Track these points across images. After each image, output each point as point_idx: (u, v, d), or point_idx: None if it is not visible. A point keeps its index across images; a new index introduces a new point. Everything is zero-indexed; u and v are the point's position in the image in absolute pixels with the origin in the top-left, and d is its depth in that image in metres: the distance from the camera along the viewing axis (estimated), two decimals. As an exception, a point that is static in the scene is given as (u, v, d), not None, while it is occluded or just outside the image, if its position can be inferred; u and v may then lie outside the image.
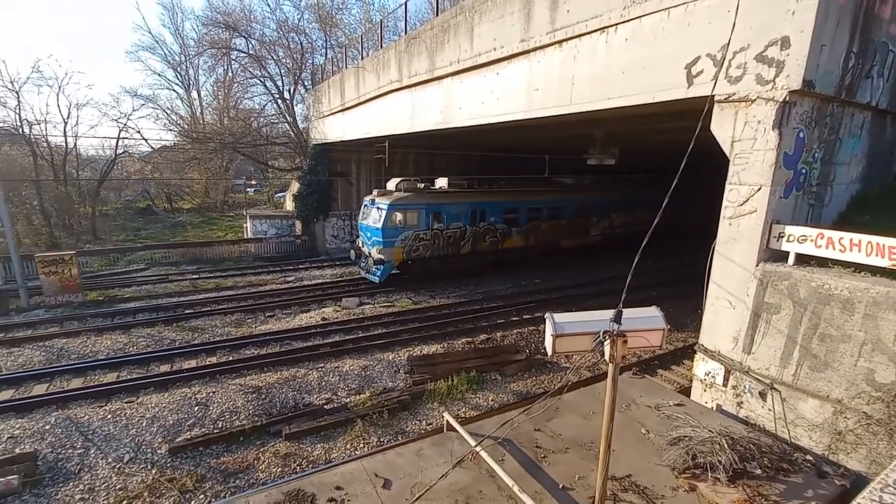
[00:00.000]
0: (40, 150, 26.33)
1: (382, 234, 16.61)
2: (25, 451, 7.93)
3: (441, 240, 17.87)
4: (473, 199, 18.67)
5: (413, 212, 17.06)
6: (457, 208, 18.11)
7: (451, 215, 18.00)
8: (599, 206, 22.96)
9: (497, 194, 19.65)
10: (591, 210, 22.72)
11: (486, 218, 18.93)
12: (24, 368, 10.85)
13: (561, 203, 21.41)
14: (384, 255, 16.84)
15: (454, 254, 18.44)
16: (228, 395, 10.00)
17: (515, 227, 19.99)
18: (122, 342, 12.36)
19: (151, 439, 8.53)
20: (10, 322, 13.75)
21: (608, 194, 23.35)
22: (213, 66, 33.33)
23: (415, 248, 17.33)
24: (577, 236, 22.58)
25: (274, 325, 13.97)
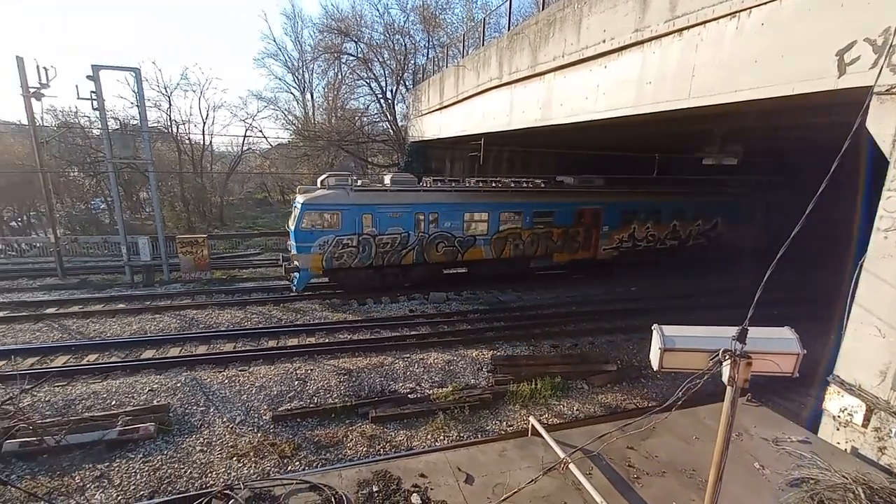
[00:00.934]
0: (183, 146, 30.63)
1: (296, 237, 14.64)
2: (161, 403, 9.26)
3: (373, 247, 15.35)
4: (418, 201, 15.83)
5: (333, 213, 14.68)
6: (394, 210, 15.41)
7: (387, 218, 15.36)
8: (612, 212, 18.67)
9: (454, 194, 16.45)
10: (597, 218, 18.48)
11: (440, 223, 16.17)
12: (163, 333, 12.67)
13: (552, 207, 17.74)
14: (299, 261, 14.80)
15: (393, 264, 15.93)
16: (324, 374, 10.76)
17: (482, 235, 16.98)
18: (238, 317, 13.88)
19: (258, 406, 9.47)
20: (154, 293, 16.19)
21: (626, 198, 19.03)
22: (325, 69, 36.12)
23: (337, 255, 14.95)
24: (575, 249, 18.51)
25: (365, 314, 14.72)
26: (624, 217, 18.98)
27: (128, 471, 7.55)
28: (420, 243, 16.02)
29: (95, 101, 16.94)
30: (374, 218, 15.15)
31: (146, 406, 9.07)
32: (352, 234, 14.94)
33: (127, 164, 22.96)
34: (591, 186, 18.72)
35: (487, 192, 17.11)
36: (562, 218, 17.93)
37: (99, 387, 9.67)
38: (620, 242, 19.25)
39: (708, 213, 20.67)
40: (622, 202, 18.89)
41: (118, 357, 11.12)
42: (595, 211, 18.40)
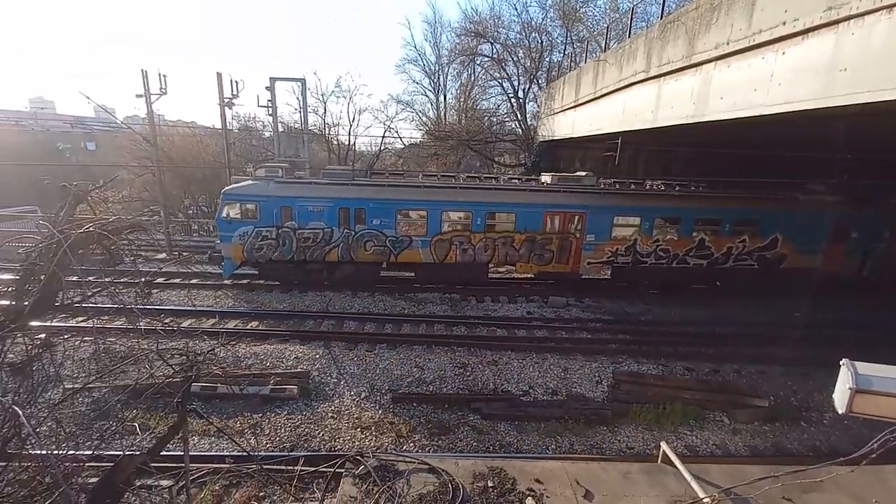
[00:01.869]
0: (332, 146, 34.41)
1: (218, 226, 14.75)
2: (303, 370, 10.51)
3: (293, 241, 14.77)
4: (342, 195, 14.76)
5: (251, 204, 14.43)
6: (315, 204, 14.63)
7: (307, 212, 14.64)
8: (600, 217, 15.62)
9: (386, 189, 15.11)
10: (578, 223, 15.56)
11: (368, 220, 14.96)
12: (307, 310, 14.33)
13: (512, 208, 15.38)
14: (222, 250, 14.92)
15: (316, 259, 15.10)
16: (440, 364, 11.14)
17: (420, 236, 15.28)
18: (368, 303, 15.11)
19: (381, 385, 10.19)
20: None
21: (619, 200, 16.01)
22: (459, 72, 37.36)
23: (257, 247, 14.68)
24: (547, 260, 15.76)
25: (483, 311, 14.84)
26: (617, 224, 15.77)
27: (275, 424, 8.73)
28: (346, 240, 15.08)
29: (270, 107, 19.93)
30: (294, 211, 14.70)
31: (291, 371, 10.39)
32: (270, 226, 14.63)
33: (289, 162, 26.62)
34: (570, 185, 16.03)
35: (426, 188, 15.49)
36: (526, 221, 15.41)
37: (258, 349, 11.36)
38: (614, 256, 15.91)
39: (762, 226, 16.10)
40: (612, 205, 15.77)
41: (271, 326, 12.91)
42: (573, 215, 15.52)
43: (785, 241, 16.17)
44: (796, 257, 16.28)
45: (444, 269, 15.84)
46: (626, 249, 15.86)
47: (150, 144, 20.58)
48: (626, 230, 15.80)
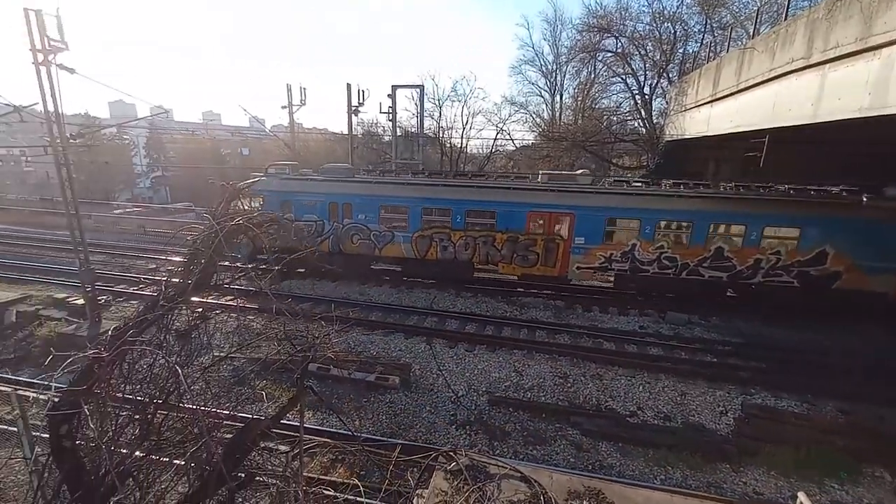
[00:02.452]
0: (445, 149, 35.54)
1: None
2: (405, 362, 11.05)
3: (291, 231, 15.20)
4: (331, 190, 15.66)
5: (258, 198, 15.58)
6: (309, 198, 15.69)
7: (302, 206, 15.68)
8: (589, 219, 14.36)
9: (370, 185, 15.73)
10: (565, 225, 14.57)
11: (354, 214, 15.56)
12: (414, 305, 15.01)
13: (492, 206, 14.97)
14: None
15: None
16: (540, 372, 10.84)
17: (402, 231, 15.42)
18: (471, 303, 15.31)
19: (478, 386, 10.26)
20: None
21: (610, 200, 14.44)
22: (578, 70, 35.88)
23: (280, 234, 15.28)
24: (532, 262, 14.98)
25: (589, 322, 14.09)
26: (610, 226, 14.40)
27: (376, 410, 9.32)
28: (335, 233, 15.91)
29: (390, 113, 21.31)
30: (292, 204, 15.82)
31: (394, 362, 10.99)
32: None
33: (405, 164, 28.19)
34: (557, 185, 15.12)
35: (409, 185, 15.81)
36: (507, 221, 14.89)
37: (366, 338, 12.23)
38: (608, 261, 14.44)
39: (804, 235, 13.24)
40: (605, 206, 14.38)
41: (379, 318, 13.78)
42: (560, 216, 14.63)
43: (839, 256, 13.13)
44: (857, 276, 13.10)
45: (427, 265, 16.01)
46: (623, 255, 14.44)
47: (289, 148, 23.41)
48: (623, 234, 14.44)
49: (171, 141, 47.84)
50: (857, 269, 13.16)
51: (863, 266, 13.11)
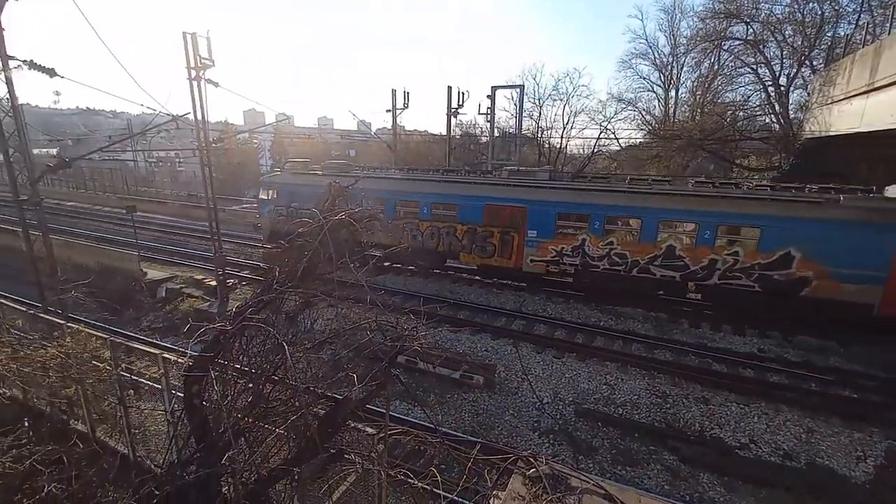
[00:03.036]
0: (543, 149, 34.74)
1: (259, 204, 19.63)
2: (490, 363, 11.05)
3: (292, 218, 16.69)
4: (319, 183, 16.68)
5: (274, 189, 18.41)
6: (305, 191, 17.01)
7: (302, 197, 17.01)
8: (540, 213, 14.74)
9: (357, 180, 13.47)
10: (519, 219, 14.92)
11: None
12: (503, 306, 14.92)
13: (454, 200, 16.22)
14: (261, 223, 19.48)
15: None
16: (635, 388, 10.14)
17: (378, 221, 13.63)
18: (561, 308, 14.81)
19: (564, 395, 9.90)
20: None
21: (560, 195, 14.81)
22: (699, 61, 32.65)
23: (276, 221, 18.30)
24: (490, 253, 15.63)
25: (696, 339, 12.81)
26: (562, 221, 14.62)
27: (459, 407, 9.47)
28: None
29: (488, 114, 21.42)
30: (298, 195, 17.62)
31: (480, 362, 11.05)
32: (284, 206, 18.29)
33: (500, 165, 28.14)
34: (513, 179, 16.07)
35: (387, 179, 17.82)
36: (466, 213, 15.85)
37: (452, 336, 12.45)
38: (560, 256, 14.60)
39: (764, 236, 12.37)
40: (555, 201, 14.72)
41: (467, 317, 13.93)
42: (514, 210, 15.11)
43: (805, 260, 12.11)
44: (828, 284, 11.95)
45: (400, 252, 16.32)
46: (573, 250, 14.53)
47: (390, 149, 24.70)
48: (572, 229, 14.54)
49: (291, 144, 53.30)
50: (830, 276, 11.97)
51: (837, 273, 11.86)
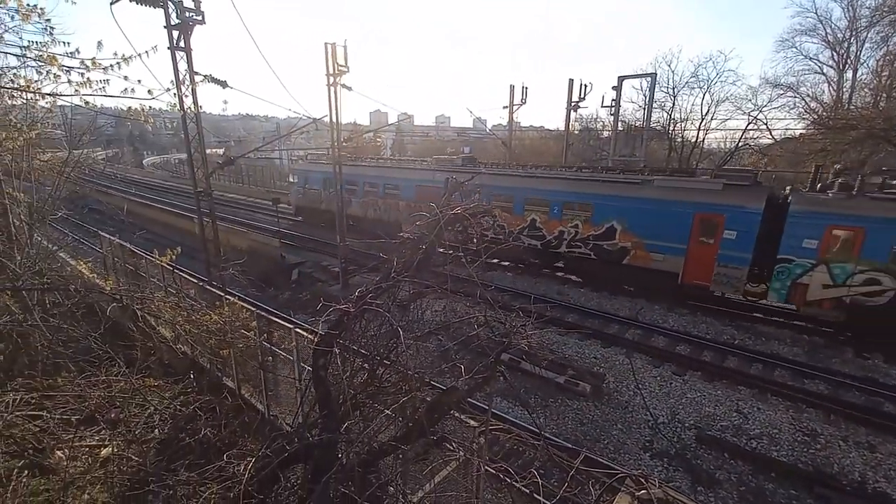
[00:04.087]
0: (675, 143, 31.43)
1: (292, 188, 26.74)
2: (599, 371, 10.45)
3: (306, 196, 24.89)
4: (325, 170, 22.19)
5: (297, 175, 25.87)
6: (316, 175, 23.99)
7: (313, 180, 24.23)
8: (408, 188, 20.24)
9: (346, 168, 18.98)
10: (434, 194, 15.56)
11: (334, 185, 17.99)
12: (616, 313, 13.97)
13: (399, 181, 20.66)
14: (291, 200, 26.52)
15: (315, 208, 24.45)
16: (774, 420, 8.78)
17: (356, 197, 22.09)
18: (686, 321, 13.38)
19: (684, 417, 8.95)
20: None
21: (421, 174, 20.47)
22: (886, 36, 26.58)
23: (298, 199, 25.72)
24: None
25: (865, 372, 10.62)
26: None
27: (562, 413, 9.12)
28: (327, 199, 22.56)
29: (613, 107, 20.13)
30: (310, 179, 24.29)
31: (587, 369, 10.51)
32: (302, 187, 25.15)
33: (623, 162, 26.28)
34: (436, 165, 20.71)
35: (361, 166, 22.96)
36: (407, 192, 19.96)
37: (559, 339, 12.04)
38: None
39: (594, 212, 15.09)
40: (414, 178, 19.99)
41: (575, 321, 13.31)
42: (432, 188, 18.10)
43: (625, 233, 14.65)
44: (641, 254, 14.30)
45: (366, 222, 21.45)
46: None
47: (505, 146, 24.61)
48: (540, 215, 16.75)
49: (410, 142, 56.26)
50: (644, 247, 14.31)
51: (649, 244, 14.22)
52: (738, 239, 12.80)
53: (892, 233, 11.01)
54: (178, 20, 10.37)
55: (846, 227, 11.48)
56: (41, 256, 9.82)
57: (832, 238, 11.64)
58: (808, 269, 12.03)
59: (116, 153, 66.53)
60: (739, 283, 13.02)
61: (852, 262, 11.48)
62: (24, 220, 10.41)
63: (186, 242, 14.08)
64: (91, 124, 12.94)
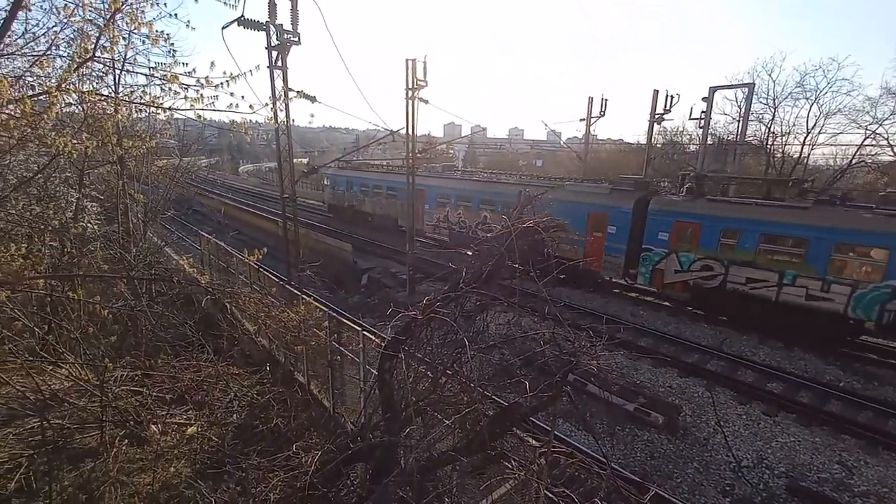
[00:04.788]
0: (774, 159, 28.50)
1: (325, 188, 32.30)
2: (674, 402, 9.68)
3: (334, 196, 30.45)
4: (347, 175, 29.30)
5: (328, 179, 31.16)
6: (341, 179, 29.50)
7: (341, 183, 29.50)
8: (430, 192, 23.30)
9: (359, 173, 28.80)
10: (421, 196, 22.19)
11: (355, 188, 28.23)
12: (697, 341, 12.92)
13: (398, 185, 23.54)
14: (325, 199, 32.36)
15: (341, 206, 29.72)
16: (888, 477, 7.61)
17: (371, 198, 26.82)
18: (780, 355, 12.03)
19: (773, 463, 8.02)
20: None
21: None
22: None
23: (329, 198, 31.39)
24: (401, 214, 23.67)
25: None
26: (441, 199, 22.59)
27: (630, 444, 8.55)
28: (349, 198, 28.65)
29: (702, 119, 18.86)
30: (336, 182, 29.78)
31: (660, 399, 9.79)
32: (332, 189, 30.35)
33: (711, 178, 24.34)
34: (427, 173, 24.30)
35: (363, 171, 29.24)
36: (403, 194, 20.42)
37: (630, 364, 11.35)
38: (439, 222, 22.66)
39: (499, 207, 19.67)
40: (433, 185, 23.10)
41: (649, 344, 12.47)
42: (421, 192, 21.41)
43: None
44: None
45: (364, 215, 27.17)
46: (443, 218, 22.32)
47: (580, 159, 23.93)
48: (445, 205, 22.23)
49: (482, 154, 56.64)
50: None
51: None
52: (617, 232, 15.57)
53: (720, 227, 13.47)
54: (277, 42, 11.35)
55: (688, 222, 14.03)
56: (151, 250, 11.12)
57: (678, 231, 14.20)
58: (662, 256, 14.66)
59: (217, 161, 73.93)
60: (619, 268, 15.77)
61: (693, 252, 13.98)
62: (140, 218, 11.87)
63: (269, 243, 15.22)
64: (199, 135, 14.54)
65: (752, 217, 13.07)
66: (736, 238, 13.22)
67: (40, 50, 4.83)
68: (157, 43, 4.72)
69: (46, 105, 4.31)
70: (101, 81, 5.45)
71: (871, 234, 11.31)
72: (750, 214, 13.15)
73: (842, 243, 11.69)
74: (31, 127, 4.56)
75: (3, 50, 4.61)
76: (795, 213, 12.51)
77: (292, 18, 11.26)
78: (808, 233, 12.07)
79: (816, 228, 11.96)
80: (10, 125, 4.47)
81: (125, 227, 10.53)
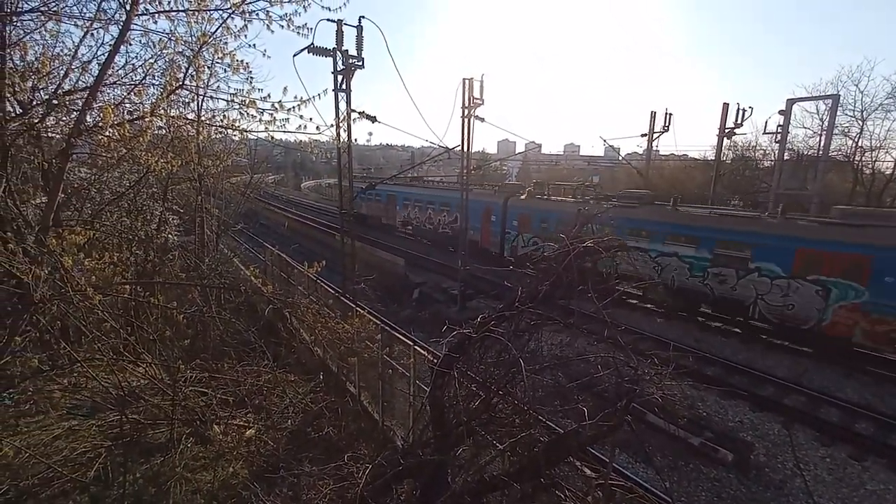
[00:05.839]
0: (862, 176, 25.94)
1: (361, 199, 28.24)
2: (746, 440, 8.88)
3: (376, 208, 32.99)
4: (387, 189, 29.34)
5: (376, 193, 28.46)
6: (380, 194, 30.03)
7: (381, 197, 31.29)
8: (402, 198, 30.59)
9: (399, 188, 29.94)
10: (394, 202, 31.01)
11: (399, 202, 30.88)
12: (771, 372, 11.84)
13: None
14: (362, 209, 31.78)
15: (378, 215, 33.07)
16: None
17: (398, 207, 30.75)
18: (870, 391, 10.73)
19: (866, 517, 7.10)
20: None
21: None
22: None
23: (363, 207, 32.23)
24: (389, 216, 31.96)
25: None
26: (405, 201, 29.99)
27: (695, 481, 7.90)
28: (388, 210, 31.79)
29: (777, 134, 17.61)
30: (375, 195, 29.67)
31: (729, 435, 9.02)
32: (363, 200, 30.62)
33: (792, 196, 22.50)
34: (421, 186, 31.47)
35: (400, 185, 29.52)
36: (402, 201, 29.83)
37: (694, 393, 10.56)
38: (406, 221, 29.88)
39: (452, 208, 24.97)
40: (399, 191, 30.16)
41: (716, 374, 11.57)
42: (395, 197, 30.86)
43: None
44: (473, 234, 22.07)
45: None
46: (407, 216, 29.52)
47: (641, 176, 23.03)
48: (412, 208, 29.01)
49: (536, 170, 56.07)
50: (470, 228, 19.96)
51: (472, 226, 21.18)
52: (496, 221, 21.96)
53: (540, 217, 19.62)
54: (342, 66, 11.96)
55: (525, 214, 20.33)
56: (221, 261, 11.93)
57: (520, 219, 20.51)
58: (515, 237, 20.81)
59: (282, 177, 78.60)
60: (498, 245, 21.80)
61: (529, 233, 20.05)
62: (213, 230, 12.79)
63: (326, 255, 15.84)
64: (269, 154, 15.53)
65: (545, 209, 19.82)
66: (547, 223, 19.25)
67: (137, 79, 5.39)
68: (238, 71, 5.12)
69: (141, 128, 4.79)
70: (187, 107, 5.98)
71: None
72: (550, 207, 19.85)
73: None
74: (128, 148, 5.07)
75: (107, 80, 5.17)
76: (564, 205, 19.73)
77: (357, 44, 11.83)
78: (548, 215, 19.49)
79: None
80: (110, 147, 4.99)
81: (200, 239, 11.39)
